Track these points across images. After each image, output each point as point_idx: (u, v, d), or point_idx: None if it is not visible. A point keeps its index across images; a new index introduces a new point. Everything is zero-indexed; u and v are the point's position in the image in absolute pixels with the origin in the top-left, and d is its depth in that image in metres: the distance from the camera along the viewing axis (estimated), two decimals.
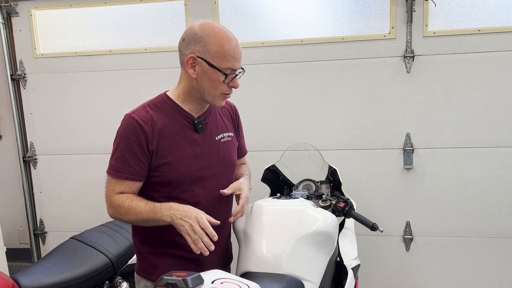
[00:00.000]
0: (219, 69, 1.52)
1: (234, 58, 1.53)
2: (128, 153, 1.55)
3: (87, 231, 2.39)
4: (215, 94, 1.58)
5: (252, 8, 3.08)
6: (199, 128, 1.63)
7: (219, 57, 1.51)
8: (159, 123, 1.57)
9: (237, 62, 1.55)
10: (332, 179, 2.38)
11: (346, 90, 3.01)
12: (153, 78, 3.18)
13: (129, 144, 1.54)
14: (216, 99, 1.60)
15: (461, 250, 2.99)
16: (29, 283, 1.91)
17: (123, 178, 1.56)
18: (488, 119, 2.86)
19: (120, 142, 1.57)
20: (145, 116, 1.56)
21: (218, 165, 1.69)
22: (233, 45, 1.53)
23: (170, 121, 1.60)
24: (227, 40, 1.52)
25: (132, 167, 1.55)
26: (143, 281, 1.71)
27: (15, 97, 3.45)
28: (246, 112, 3.07)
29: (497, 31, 2.78)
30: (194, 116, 1.64)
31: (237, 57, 1.54)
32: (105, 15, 3.27)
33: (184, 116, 1.62)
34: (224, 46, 1.51)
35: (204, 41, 1.51)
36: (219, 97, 1.60)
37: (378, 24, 2.93)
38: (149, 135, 1.55)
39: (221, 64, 1.52)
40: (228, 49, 1.51)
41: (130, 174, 1.55)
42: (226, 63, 1.52)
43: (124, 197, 1.55)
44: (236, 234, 1.85)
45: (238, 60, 1.55)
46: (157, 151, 1.56)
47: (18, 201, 3.60)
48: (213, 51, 1.51)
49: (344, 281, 1.98)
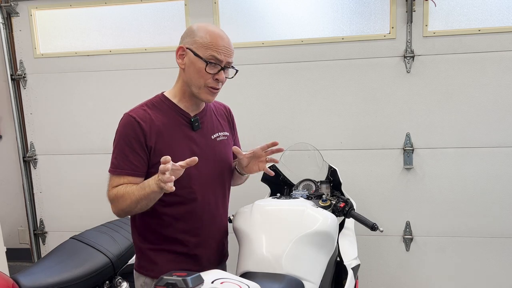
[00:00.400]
0: (201, 57, 1.59)
1: (218, 48, 1.59)
2: (128, 149, 1.58)
3: (87, 231, 2.39)
4: (200, 84, 1.62)
5: (252, 8, 3.08)
6: (195, 126, 1.68)
7: (204, 47, 1.59)
8: (156, 121, 1.62)
9: (221, 55, 1.59)
10: (332, 179, 2.38)
11: (346, 90, 3.01)
12: (153, 78, 3.18)
13: (128, 141, 1.59)
14: (202, 91, 1.63)
15: (461, 250, 2.99)
16: (29, 283, 1.91)
17: (123, 174, 1.59)
18: (488, 119, 2.86)
19: (119, 140, 1.61)
20: (143, 115, 1.61)
21: (214, 162, 1.73)
22: (220, 40, 1.60)
23: (168, 119, 1.64)
24: (216, 34, 1.60)
25: (132, 163, 1.58)
26: (142, 278, 1.73)
27: (15, 97, 3.45)
28: (246, 112, 3.10)
29: (497, 31, 2.78)
30: (190, 115, 1.69)
31: (222, 50, 1.59)
32: (105, 15, 3.27)
33: (181, 114, 1.67)
34: (210, 37, 1.59)
35: (194, 34, 1.61)
36: (204, 89, 1.63)
37: (378, 24, 2.93)
38: (147, 132, 1.59)
39: (204, 53, 1.59)
40: (213, 40, 1.59)
41: (131, 170, 1.59)
42: (209, 52, 1.58)
43: (119, 188, 1.58)
44: (236, 234, 1.85)
45: (222, 53, 1.59)
46: (155, 148, 1.60)
47: (18, 201, 3.60)
48: (199, 42, 1.59)
49: (344, 281, 1.98)
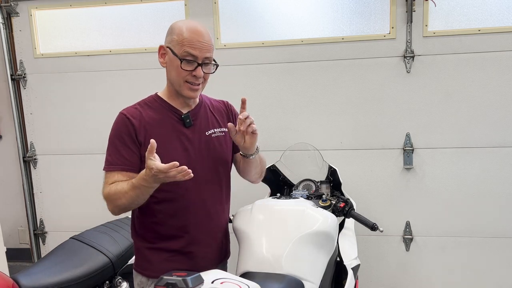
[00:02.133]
0: (176, 55, 1.59)
1: (192, 45, 1.58)
2: (120, 144, 1.61)
3: (87, 231, 2.38)
4: (180, 82, 1.63)
5: (252, 8, 3.08)
6: (187, 122, 1.70)
7: (179, 44, 1.59)
8: (147, 118, 1.65)
9: (195, 50, 1.58)
10: (332, 179, 2.38)
11: (346, 90, 3.01)
12: (153, 78, 3.15)
13: (120, 137, 1.62)
14: (182, 88, 1.64)
15: (461, 250, 2.99)
16: (29, 283, 1.91)
17: (117, 170, 1.60)
18: (488, 119, 2.86)
19: (112, 137, 1.65)
20: (134, 112, 1.65)
21: (208, 159, 1.72)
22: (194, 34, 1.59)
23: (159, 116, 1.67)
24: (191, 30, 1.59)
25: (124, 158, 1.60)
26: (139, 277, 1.74)
27: (15, 97, 3.45)
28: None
29: (497, 31, 2.78)
30: (182, 112, 1.70)
31: (196, 45, 1.58)
32: (105, 15, 3.27)
33: (172, 111, 1.70)
34: (184, 34, 1.58)
35: (172, 32, 1.62)
36: (184, 85, 1.63)
37: (378, 24, 2.93)
38: (137, 127, 1.62)
39: (179, 50, 1.59)
40: (187, 36, 1.58)
41: (124, 165, 1.60)
42: (183, 48, 1.58)
43: (111, 186, 1.59)
44: (236, 234, 1.85)
45: (196, 48, 1.58)
46: (145, 142, 1.58)
47: (18, 201, 3.60)
48: (175, 40, 1.60)
49: (344, 281, 1.98)
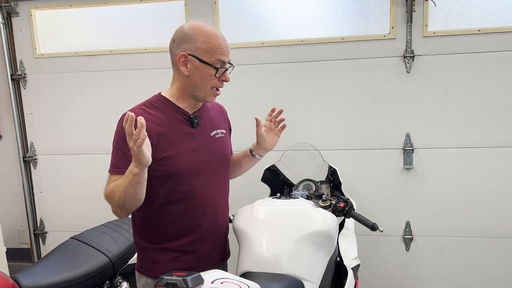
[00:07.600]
0: (209, 64, 1.60)
1: (222, 52, 1.62)
2: (126, 147, 1.51)
3: (87, 231, 2.38)
4: (207, 89, 1.65)
5: (252, 8, 3.08)
6: (195, 123, 1.70)
7: (208, 52, 1.60)
8: (156, 120, 1.62)
9: (225, 56, 1.63)
10: (332, 179, 2.38)
11: (346, 90, 3.01)
12: (153, 78, 3.18)
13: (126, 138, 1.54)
14: (208, 94, 1.67)
15: (461, 250, 2.99)
16: (29, 283, 1.91)
17: (122, 173, 1.54)
18: (488, 119, 2.86)
19: (118, 139, 1.60)
20: (141, 114, 1.56)
21: (214, 159, 1.74)
22: (220, 40, 1.63)
23: (167, 117, 1.66)
24: (214, 36, 1.62)
25: (130, 160, 1.52)
26: (144, 278, 1.74)
27: (15, 97, 3.45)
28: (246, 112, 3.08)
29: (497, 31, 2.78)
30: (189, 112, 1.70)
31: (225, 52, 1.63)
32: (105, 15, 3.27)
33: (180, 112, 1.69)
34: (211, 41, 1.61)
35: (193, 39, 1.61)
36: (210, 92, 1.66)
37: (378, 24, 2.93)
38: (147, 131, 1.52)
39: (210, 59, 1.60)
40: (216, 44, 1.61)
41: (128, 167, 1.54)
42: (215, 56, 1.61)
43: (110, 185, 1.56)
44: (236, 234, 1.85)
45: (226, 54, 1.64)
46: (157, 146, 1.59)
47: (18, 201, 3.60)
48: (202, 48, 1.60)
49: (344, 281, 1.98)
